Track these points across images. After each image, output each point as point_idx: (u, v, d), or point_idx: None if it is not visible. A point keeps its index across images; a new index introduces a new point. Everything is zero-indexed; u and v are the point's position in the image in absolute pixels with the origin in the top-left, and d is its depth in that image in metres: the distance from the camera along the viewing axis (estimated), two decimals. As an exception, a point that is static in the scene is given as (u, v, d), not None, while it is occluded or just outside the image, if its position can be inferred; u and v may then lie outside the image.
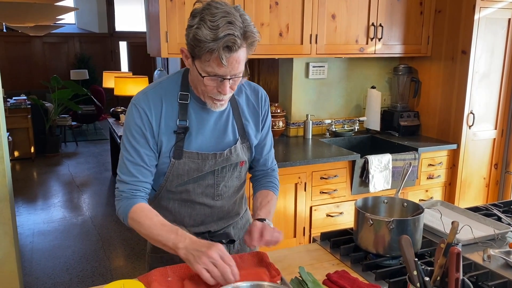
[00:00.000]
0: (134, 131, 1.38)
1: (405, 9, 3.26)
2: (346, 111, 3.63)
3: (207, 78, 1.28)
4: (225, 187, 1.51)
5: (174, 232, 1.30)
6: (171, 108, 1.40)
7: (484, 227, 1.75)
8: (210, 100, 1.36)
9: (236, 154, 1.48)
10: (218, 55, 1.20)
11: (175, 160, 1.40)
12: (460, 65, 3.18)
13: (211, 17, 1.20)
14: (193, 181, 1.45)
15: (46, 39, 9.62)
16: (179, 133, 1.39)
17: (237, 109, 1.50)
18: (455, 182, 3.28)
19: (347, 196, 2.98)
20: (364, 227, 1.50)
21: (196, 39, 1.21)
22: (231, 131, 1.48)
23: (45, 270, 3.68)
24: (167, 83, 1.43)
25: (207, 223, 1.55)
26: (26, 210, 5.03)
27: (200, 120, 1.43)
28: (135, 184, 1.39)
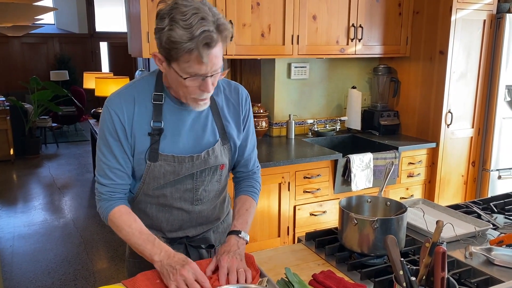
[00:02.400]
0: (108, 134, 1.35)
1: (384, 10, 3.31)
2: (327, 111, 3.67)
3: (189, 79, 1.23)
4: (204, 192, 1.47)
5: (151, 242, 1.31)
6: (145, 109, 1.35)
7: (465, 224, 1.80)
8: (193, 101, 1.31)
9: (215, 156, 1.42)
10: (198, 53, 1.16)
11: (151, 162, 1.36)
12: (438, 65, 3.25)
13: (182, 16, 1.15)
14: (170, 185, 1.41)
15: (24, 40, 9.45)
16: (153, 135, 1.35)
17: (216, 109, 1.44)
18: (434, 180, 3.35)
19: (330, 195, 3.02)
20: (348, 227, 1.53)
21: (171, 42, 1.16)
22: (211, 132, 1.43)
23: (26, 274, 3.62)
24: (141, 83, 1.38)
25: (185, 228, 1.52)
26: (6, 213, 4.95)
27: (176, 121, 1.37)
28: (113, 186, 1.39)
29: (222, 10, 2.75)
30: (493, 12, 3.26)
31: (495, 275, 1.38)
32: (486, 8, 3.23)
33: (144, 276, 1.34)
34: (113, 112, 1.33)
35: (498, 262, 1.47)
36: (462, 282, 1.39)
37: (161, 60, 1.26)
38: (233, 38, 2.81)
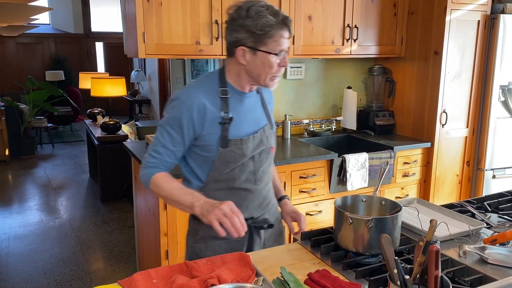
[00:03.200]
0: (173, 120, 1.55)
1: (379, 10, 3.33)
2: (323, 111, 3.68)
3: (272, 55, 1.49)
4: (263, 172, 1.68)
5: (190, 194, 1.50)
6: (214, 102, 1.56)
7: (459, 223, 1.81)
8: (270, 80, 1.56)
9: (266, 136, 1.66)
10: (288, 30, 1.50)
11: (222, 149, 1.56)
12: (433, 66, 3.27)
13: (265, 9, 1.47)
14: (238, 168, 1.60)
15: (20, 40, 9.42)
16: (223, 124, 1.56)
17: (263, 101, 1.72)
18: (429, 179, 3.37)
19: (325, 195, 3.03)
20: (343, 226, 1.54)
21: (266, 26, 1.45)
22: (262, 117, 1.69)
23: (22, 274, 3.62)
24: (206, 81, 1.61)
25: (250, 209, 1.68)
26: (1, 214, 4.93)
27: (239, 109, 1.61)
28: (160, 160, 1.59)
29: (217, 10, 2.76)
30: (487, 12, 3.29)
31: (489, 274, 1.40)
32: (480, 8, 3.25)
33: (140, 276, 1.35)
34: (184, 104, 1.53)
35: (491, 260, 1.48)
36: (456, 281, 1.40)
37: (244, 52, 1.51)
38: (229, 39, 2.82)
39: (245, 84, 1.60)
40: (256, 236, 1.71)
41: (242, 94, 1.62)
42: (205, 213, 1.41)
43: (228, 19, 1.53)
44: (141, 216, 3.11)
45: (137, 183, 3.08)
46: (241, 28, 1.48)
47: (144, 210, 2.97)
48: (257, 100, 1.70)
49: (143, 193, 2.94)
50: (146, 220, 2.92)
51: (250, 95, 1.65)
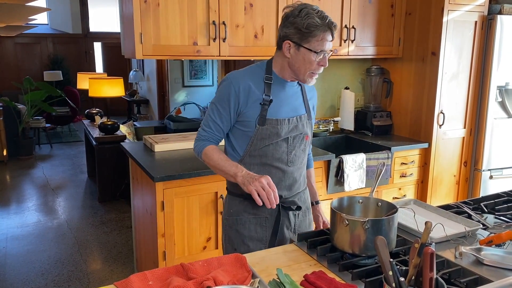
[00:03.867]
0: (223, 98, 1.76)
1: (376, 11, 3.33)
2: (321, 112, 3.69)
3: (312, 53, 1.66)
4: (295, 156, 1.85)
5: (235, 165, 1.71)
6: (259, 86, 1.77)
7: (455, 224, 1.81)
8: (309, 76, 1.74)
9: (302, 124, 1.83)
10: (331, 32, 1.67)
11: (260, 126, 1.76)
12: (430, 66, 3.28)
13: (315, 12, 1.66)
14: (272, 146, 1.79)
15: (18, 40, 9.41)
16: (264, 105, 1.75)
17: (305, 93, 1.89)
18: (427, 180, 3.38)
19: (323, 195, 3.03)
20: (339, 227, 1.54)
21: (311, 25, 1.63)
22: (301, 107, 1.86)
23: (19, 275, 3.61)
24: (254, 68, 1.82)
25: (280, 187, 1.83)
26: (-1, 215, 4.93)
27: (280, 95, 1.80)
28: (211, 134, 1.82)
29: (215, 11, 2.76)
30: (485, 13, 3.29)
31: (485, 275, 1.40)
32: (478, 9, 3.26)
33: (136, 278, 1.35)
34: (232, 84, 1.75)
35: (487, 262, 1.49)
36: (451, 282, 1.40)
37: (290, 47, 1.70)
38: (226, 39, 2.82)
39: (287, 75, 1.79)
40: (284, 217, 1.87)
41: (284, 82, 1.81)
42: (246, 183, 1.62)
43: (283, 16, 1.72)
44: (138, 217, 3.11)
45: (135, 184, 3.08)
46: (291, 25, 1.67)
47: (141, 211, 2.97)
48: (298, 91, 1.87)
49: (140, 193, 2.94)
50: (144, 220, 2.92)
51: (292, 85, 1.83)
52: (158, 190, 2.50)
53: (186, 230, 2.64)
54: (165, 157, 2.86)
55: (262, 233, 1.86)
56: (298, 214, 1.93)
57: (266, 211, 1.83)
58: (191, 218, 2.64)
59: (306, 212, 1.98)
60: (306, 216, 1.98)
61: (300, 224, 1.94)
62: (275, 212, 1.85)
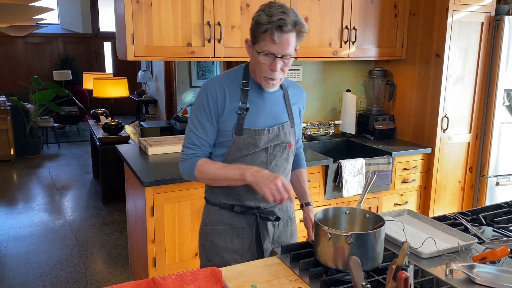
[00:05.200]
0: (202, 109, 1.67)
1: (379, 12, 3.23)
2: (321, 115, 3.60)
3: (261, 55, 1.55)
4: (275, 166, 1.75)
5: (237, 168, 1.62)
6: (234, 93, 1.67)
7: (449, 238, 1.72)
8: (264, 80, 1.63)
9: (284, 132, 1.73)
10: (272, 33, 1.50)
11: (236, 136, 1.66)
12: (434, 69, 3.16)
13: (269, 8, 1.53)
14: (250, 157, 1.69)
15: (28, 40, 9.48)
16: (240, 113, 1.65)
17: (288, 98, 1.77)
18: (430, 186, 3.27)
19: (320, 201, 2.95)
20: (322, 241, 1.46)
21: (256, 23, 1.53)
22: (283, 114, 1.75)
23: (18, 277, 3.60)
24: (231, 73, 1.73)
25: (258, 198, 1.74)
26: (3, 214, 4.94)
27: (259, 102, 1.70)
28: (197, 150, 1.70)
29: (210, 11, 2.69)
30: (492, 14, 3.17)
31: (474, 295, 1.31)
32: (484, 10, 3.14)
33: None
34: (209, 93, 1.66)
35: (479, 281, 1.39)
36: (439, 302, 1.31)
37: (248, 44, 1.63)
38: (222, 41, 2.75)
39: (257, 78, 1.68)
40: (262, 228, 1.78)
41: (262, 88, 1.70)
42: (260, 183, 1.54)
43: None
44: (131, 221, 3.07)
45: (130, 187, 3.03)
46: (252, 21, 1.59)
47: (133, 215, 2.92)
48: (279, 96, 1.75)
49: (132, 198, 2.89)
50: (136, 225, 2.87)
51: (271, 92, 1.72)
52: (147, 194, 2.44)
53: (177, 236, 2.58)
54: (158, 161, 2.80)
55: (238, 244, 1.78)
56: (278, 224, 1.85)
57: (243, 221, 1.76)
58: (182, 224, 2.58)
59: (288, 223, 1.90)
60: (287, 227, 1.89)
61: (280, 235, 1.86)
62: (252, 222, 1.78)
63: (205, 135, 1.69)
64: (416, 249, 1.57)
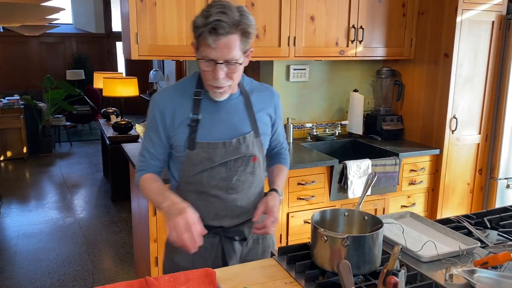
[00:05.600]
0: (151, 123, 1.57)
1: (387, 11, 3.18)
2: (328, 115, 3.56)
3: (202, 61, 1.41)
4: (238, 181, 1.58)
5: (162, 195, 1.49)
6: (186, 104, 1.54)
7: (451, 241, 1.68)
8: (210, 88, 1.49)
9: (246, 145, 1.56)
10: (205, 37, 1.35)
11: (189, 150, 1.52)
12: (443, 69, 3.11)
13: (208, 8, 1.38)
14: (207, 172, 1.55)
15: (43, 39, 9.59)
16: (191, 126, 1.52)
17: (250, 105, 1.60)
18: (438, 188, 3.21)
19: (325, 202, 2.92)
20: (319, 243, 1.43)
21: (193, 26, 1.40)
22: (244, 124, 1.58)
23: (27, 274, 3.64)
24: (183, 82, 1.60)
25: (220, 217, 1.61)
26: (14, 211, 5.00)
27: (213, 112, 1.55)
28: (146, 163, 1.62)
29: (214, 11, 2.68)
30: (503, 13, 3.10)
31: (473, 301, 1.28)
32: (495, 8, 3.07)
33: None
34: (156, 107, 1.55)
35: (479, 286, 1.35)
36: (436, 308, 1.28)
37: (194, 47, 1.47)
38: (226, 40, 2.73)
39: None
40: (229, 248, 1.64)
41: None
42: (168, 217, 1.40)
43: None
44: (135, 220, 3.08)
45: (134, 186, 3.04)
46: None
47: (137, 214, 2.93)
48: (238, 104, 1.59)
49: (137, 197, 2.90)
50: (140, 224, 2.88)
51: (228, 99, 1.55)
52: (150, 194, 2.44)
53: (179, 235, 2.57)
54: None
55: (200, 265, 1.57)
56: (247, 242, 1.70)
57: (206, 240, 1.54)
58: (185, 223, 2.57)
59: (260, 239, 1.73)
60: (258, 244, 1.72)
61: (249, 253, 1.70)
62: (217, 243, 1.64)
63: (153, 149, 1.59)
64: (416, 253, 1.54)
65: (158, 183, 1.57)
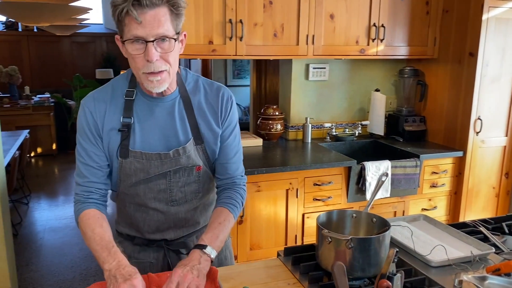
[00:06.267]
0: (83, 131, 1.37)
1: (409, 8, 3.10)
2: (349, 115, 3.50)
3: (130, 43, 1.22)
4: (180, 193, 1.43)
5: (107, 250, 1.25)
6: (117, 106, 1.36)
7: (464, 246, 1.62)
8: (145, 78, 1.27)
9: (187, 156, 1.38)
10: (128, 11, 1.17)
11: (122, 159, 1.36)
12: (467, 68, 3.00)
13: None
14: (143, 183, 1.39)
15: (74, 39, 9.81)
16: (123, 131, 1.34)
17: (190, 108, 1.39)
18: (461, 191, 3.11)
19: (342, 204, 2.87)
20: (323, 245, 1.41)
21: (112, 5, 1.19)
22: (183, 131, 1.39)
23: (51, 267, 3.73)
24: (116, 81, 1.40)
25: (162, 230, 1.48)
26: (42, 206, 5.15)
27: (147, 116, 1.36)
28: (87, 185, 1.38)
29: (232, 9, 2.68)
30: (532, 10, 2.97)
31: (481, 309, 1.22)
32: (524, 5, 2.95)
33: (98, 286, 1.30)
34: (86, 110, 1.36)
35: (490, 293, 1.30)
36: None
37: (119, 41, 1.28)
38: (243, 38, 2.73)
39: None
40: (176, 262, 1.41)
41: (151, 99, 1.37)
42: (110, 281, 1.17)
43: None
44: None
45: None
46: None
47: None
48: (177, 105, 1.39)
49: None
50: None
51: (164, 100, 1.37)
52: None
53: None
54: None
55: None
56: None
57: (150, 255, 1.48)
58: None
59: None
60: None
61: None
62: (162, 256, 1.50)
63: (91, 161, 1.36)
64: (425, 257, 1.49)
65: (101, 229, 1.31)
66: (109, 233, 1.32)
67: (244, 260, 2.72)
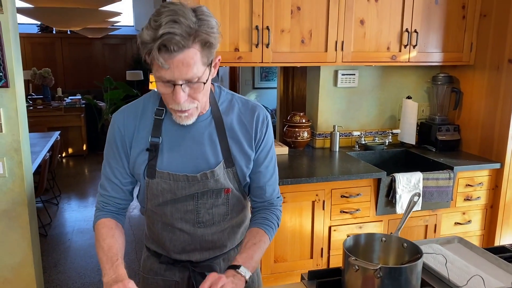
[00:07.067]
0: (109, 146, 1.37)
1: (444, 13, 2.96)
2: (379, 123, 3.39)
3: (159, 83, 1.16)
4: (208, 215, 1.38)
5: (111, 262, 1.24)
6: (147, 124, 1.33)
7: (504, 275, 1.50)
8: (174, 112, 1.24)
9: (215, 179, 1.32)
10: (154, 56, 1.08)
11: (149, 179, 1.33)
12: (506, 75, 2.84)
13: (156, 17, 1.08)
14: (170, 204, 1.36)
15: (106, 41, 9.98)
16: (151, 150, 1.31)
17: (222, 129, 1.34)
18: (497, 205, 2.95)
19: (371, 217, 2.77)
20: (349, 272, 1.33)
21: (141, 42, 1.10)
22: (212, 153, 1.33)
23: (78, 269, 3.77)
24: (146, 98, 1.37)
25: (188, 251, 1.44)
26: (72, 207, 5.23)
27: (176, 136, 1.32)
28: (107, 198, 1.40)
29: (258, 15, 2.62)
30: None
31: None
32: None
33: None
34: (116, 126, 1.35)
35: (531, 331, 1.19)
36: None
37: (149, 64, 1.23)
38: (270, 45, 2.66)
39: None
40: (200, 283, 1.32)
41: None
42: None
43: None
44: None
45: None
46: None
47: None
48: (208, 127, 1.33)
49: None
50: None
51: (195, 120, 1.29)
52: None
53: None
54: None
55: None
56: None
57: (176, 274, 1.46)
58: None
59: None
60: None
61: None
62: (187, 276, 1.47)
63: (114, 177, 1.37)
64: None
65: (112, 239, 1.30)
66: (118, 244, 1.31)
67: (268, 273, 2.65)
